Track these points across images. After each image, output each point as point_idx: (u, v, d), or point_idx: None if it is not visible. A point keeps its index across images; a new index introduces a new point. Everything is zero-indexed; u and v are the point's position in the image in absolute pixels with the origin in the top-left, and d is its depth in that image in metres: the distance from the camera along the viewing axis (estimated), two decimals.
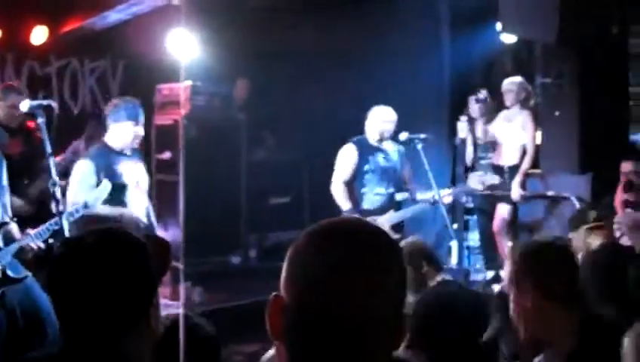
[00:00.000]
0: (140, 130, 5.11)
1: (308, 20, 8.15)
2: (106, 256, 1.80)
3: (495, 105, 7.47)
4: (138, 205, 5.13)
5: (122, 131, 5.04)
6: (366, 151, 5.96)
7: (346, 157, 5.99)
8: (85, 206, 4.65)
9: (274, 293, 1.26)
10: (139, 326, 1.81)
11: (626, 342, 2.03)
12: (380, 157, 5.99)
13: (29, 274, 4.49)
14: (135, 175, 5.15)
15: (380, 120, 5.99)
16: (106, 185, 4.76)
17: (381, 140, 6.02)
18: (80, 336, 1.79)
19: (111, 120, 5.09)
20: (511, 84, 7.30)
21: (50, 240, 4.88)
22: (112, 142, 5.07)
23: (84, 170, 4.93)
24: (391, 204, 5.98)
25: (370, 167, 5.91)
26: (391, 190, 5.99)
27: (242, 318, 6.14)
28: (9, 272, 4.38)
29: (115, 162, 5.02)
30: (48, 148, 4.50)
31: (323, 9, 8.04)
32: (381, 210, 5.86)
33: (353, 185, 5.95)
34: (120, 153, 5.06)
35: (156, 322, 1.90)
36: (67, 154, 6.62)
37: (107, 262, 1.79)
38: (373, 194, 5.91)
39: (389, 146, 6.07)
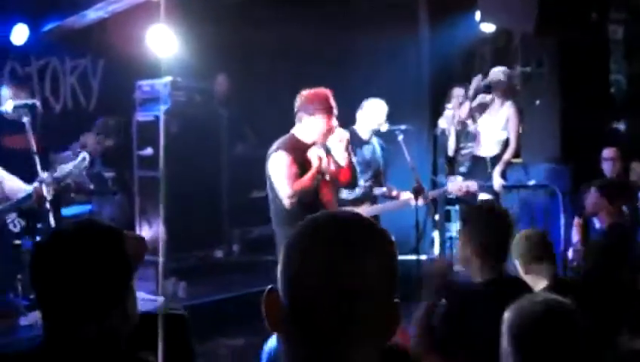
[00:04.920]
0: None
1: (287, 15, 8.15)
2: (84, 242, 1.90)
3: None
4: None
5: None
6: (355, 143, 5.94)
7: None
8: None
9: (269, 286, 1.28)
10: (117, 309, 1.90)
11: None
12: (366, 150, 6.00)
13: None
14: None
15: (378, 114, 5.99)
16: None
17: (371, 134, 6.03)
18: (61, 320, 1.87)
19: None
20: (499, 73, 7.19)
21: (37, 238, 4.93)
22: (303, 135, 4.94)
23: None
24: (368, 197, 5.99)
25: (357, 159, 5.92)
26: (370, 183, 6.00)
27: (226, 312, 6.17)
28: None
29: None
30: (33, 147, 4.51)
31: (302, 3, 8.05)
32: (360, 201, 5.87)
33: None
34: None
35: (133, 306, 1.97)
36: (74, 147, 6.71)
37: (85, 248, 1.89)
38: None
39: (375, 140, 6.08)
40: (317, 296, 1.22)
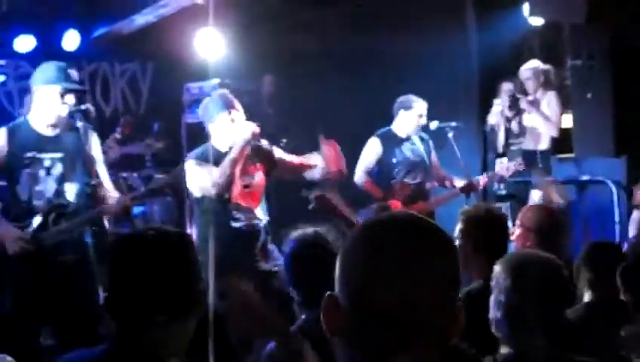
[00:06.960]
0: None
1: (333, 16, 8.16)
2: (164, 251, 1.92)
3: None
4: None
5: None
6: (393, 143, 5.95)
7: (370, 150, 6.00)
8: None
9: (328, 293, 1.27)
10: (196, 311, 1.94)
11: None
12: (405, 149, 5.98)
13: None
14: None
15: (424, 113, 6.00)
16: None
17: (410, 133, 6.03)
18: (133, 329, 1.89)
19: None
20: (527, 71, 7.14)
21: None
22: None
23: None
24: (420, 194, 5.97)
25: (398, 158, 5.91)
26: (419, 180, 5.98)
27: None
28: None
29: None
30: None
31: (348, 3, 8.04)
32: (411, 200, 5.85)
33: (380, 177, 5.97)
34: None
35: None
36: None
37: (166, 256, 1.91)
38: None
39: (415, 137, 6.06)
40: (382, 302, 1.20)
